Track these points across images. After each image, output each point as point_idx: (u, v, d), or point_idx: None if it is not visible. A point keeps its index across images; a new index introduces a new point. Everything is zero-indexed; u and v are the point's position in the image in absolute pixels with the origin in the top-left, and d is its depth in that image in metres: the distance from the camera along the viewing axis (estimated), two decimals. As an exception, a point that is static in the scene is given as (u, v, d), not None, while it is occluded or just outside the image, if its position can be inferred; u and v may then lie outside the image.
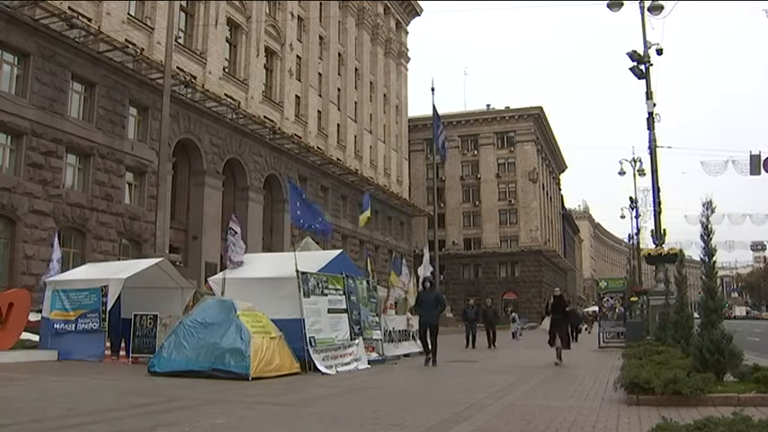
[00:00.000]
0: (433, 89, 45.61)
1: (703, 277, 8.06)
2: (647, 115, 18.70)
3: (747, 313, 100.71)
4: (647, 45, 18.52)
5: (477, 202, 69.76)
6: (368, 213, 18.78)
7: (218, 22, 33.28)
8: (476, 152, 70.49)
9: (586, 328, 35.76)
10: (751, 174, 22.95)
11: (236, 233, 13.36)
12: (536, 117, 71.43)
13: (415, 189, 66.15)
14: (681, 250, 18.63)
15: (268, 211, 36.50)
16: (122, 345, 13.60)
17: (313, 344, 11.22)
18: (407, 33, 62.34)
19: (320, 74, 45.62)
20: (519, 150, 70.05)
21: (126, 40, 26.56)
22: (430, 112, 46.25)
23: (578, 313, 35.93)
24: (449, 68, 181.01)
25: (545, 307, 14.91)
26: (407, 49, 62.00)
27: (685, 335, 10.89)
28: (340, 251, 15.20)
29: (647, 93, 18.62)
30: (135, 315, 13.09)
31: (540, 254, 68.24)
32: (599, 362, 14.48)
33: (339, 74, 48.43)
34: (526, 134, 70.32)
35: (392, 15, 58.15)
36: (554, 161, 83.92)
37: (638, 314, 25.33)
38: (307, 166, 40.31)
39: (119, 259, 22.46)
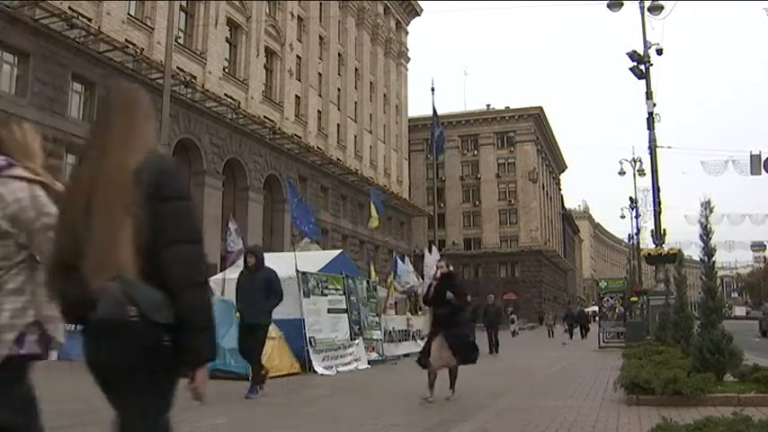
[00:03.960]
0: (433, 89, 45.41)
1: (703, 277, 8.06)
2: (647, 115, 18.68)
3: (747, 313, 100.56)
4: (647, 45, 18.50)
5: (477, 202, 69.75)
6: (375, 214, 17.78)
7: (218, 22, 33.29)
8: (476, 152, 70.48)
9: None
10: (751, 174, 22.94)
11: (230, 231, 13.44)
12: (536, 117, 71.42)
13: (415, 189, 66.15)
14: (680, 250, 18.65)
15: (268, 211, 36.50)
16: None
17: (313, 344, 11.23)
18: (407, 33, 62.35)
19: (320, 74, 45.62)
20: (519, 150, 70.04)
21: (126, 40, 26.56)
22: (430, 112, 46.20)
23: (577, 313, 35.97)
24: (449, 68, 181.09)
25: (425, 293, 8.81)
26: (407, 49, 62.00)
27: (685, 335, 10.88)
28: (340, 251, 15.23)
29: (647, 93, 18.59)
30: (135, 315, 13.09)
31: (540, 254, 68.24)
32: (599, 362, 14.47)
33: (339, 74, 48.43)
34: (526, 134, 70.31)
35: (392, 15, 58.15)
36: (554, 161, 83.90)
37: (638, 314, 25.31)
38: (307, 166, 40.31)
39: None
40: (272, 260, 14.79)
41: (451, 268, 8.69)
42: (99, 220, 1.93)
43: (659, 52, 18.48)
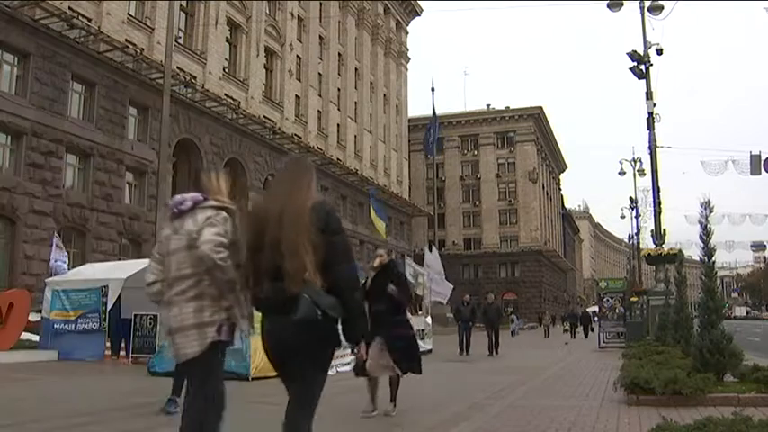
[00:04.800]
0: (433, 89, 45.79)
1: (703, 277, 8.05)
2: (647, 115, 18.68)
3: (747, 313, 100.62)
4: (647, 45, 18.50)
5: (477, 202, 69.73)
6: (378, 220, 17.81)
7: (218, 22, 33.29)
8: (476, 152, 70.47)
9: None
10: (751, 174, 22.90)
11: None
12: (536, 117, 71.41)
13: (415, 189, 66.13)
14: (680, 250, 18.64)
15: (268, 211, 36.47)
16: (122, 345, 13.59)
17: (313, 344, 11.21)
18: (407, 33, 62.34)
19: (320, 74, 45.62)
20: (519, 150, 70.03)
21: (126, 40, 26.56)
22: (430, 112, 46.30)
23: (581, 314, 36.04)
24: (449, 68, 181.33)
25: (362, 287, 6.22)
26: (407, 49, 61.99)
27: (685, 335, 10.88)
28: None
29: (647, 93, 18.59)
30: (135, 315, 13.07)
31: (540, 254, 68.22)
32: (599, 362, 14.48)
33: (339, 74, 48.43)
34: (526, 134, 70.31)
35: (392, 15, 58.14)
36: (554, 161, 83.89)
37: (638, 314, 25.31)
38: (307, 166, 40.26)
39: (119, 259, 22.44)
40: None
41: (393, 256, 7.39)
42: (291, 246, 2.85)
43: (659, 52, 18.46)
